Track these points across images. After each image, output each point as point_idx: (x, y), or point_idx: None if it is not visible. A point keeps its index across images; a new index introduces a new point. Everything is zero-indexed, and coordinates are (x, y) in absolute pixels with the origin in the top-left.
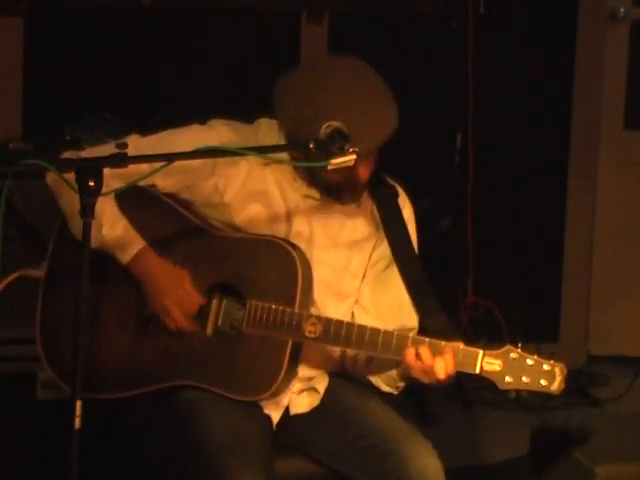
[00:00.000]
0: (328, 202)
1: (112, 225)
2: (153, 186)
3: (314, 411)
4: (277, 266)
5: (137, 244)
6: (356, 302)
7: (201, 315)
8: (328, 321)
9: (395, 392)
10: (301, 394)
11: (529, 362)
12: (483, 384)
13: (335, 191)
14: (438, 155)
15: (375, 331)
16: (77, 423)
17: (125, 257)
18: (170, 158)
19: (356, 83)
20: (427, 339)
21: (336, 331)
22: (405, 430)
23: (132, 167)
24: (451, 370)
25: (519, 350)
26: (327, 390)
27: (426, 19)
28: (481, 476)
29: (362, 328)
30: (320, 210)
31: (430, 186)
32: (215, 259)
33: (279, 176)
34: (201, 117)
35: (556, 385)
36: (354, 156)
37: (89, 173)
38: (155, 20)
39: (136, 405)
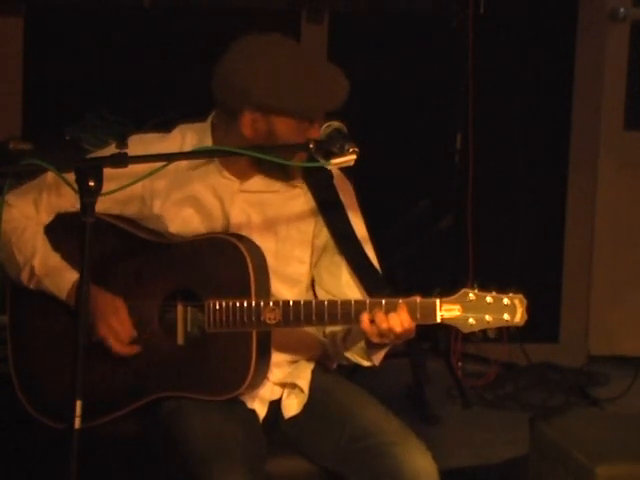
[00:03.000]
0: (262, 193)
1: (44, 263)
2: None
3: (306, 411)
4: (227, 261)
5: (69, 279)
6: (317, 286)
7: (168, 326)
8: (285, 304)
9: (376, 364)
10: (289, 396)
11: (488, 300)
12: (483, 384)
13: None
14: (438, 155)
15: (332, 303)
16: (77, 423)
17: (61, 293)
18: (170, 158)
19: (306, 54)
20: (383, 300)
21: (295, 312)
22: (399, 431)
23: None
24: (407, 324)
25: (476, 291)
26: (317, 388)
27: (426, 19)
28: (481, 476)
29: (319, 303)
30: (256, 202)
31: (430, 186)
32: (167, 268)
33: (207, 177)
34: (200, 117)
35: (519, 316)
36: (354, 156)
37: (89, 173)
38: (155, 20)
39: (120, 423)
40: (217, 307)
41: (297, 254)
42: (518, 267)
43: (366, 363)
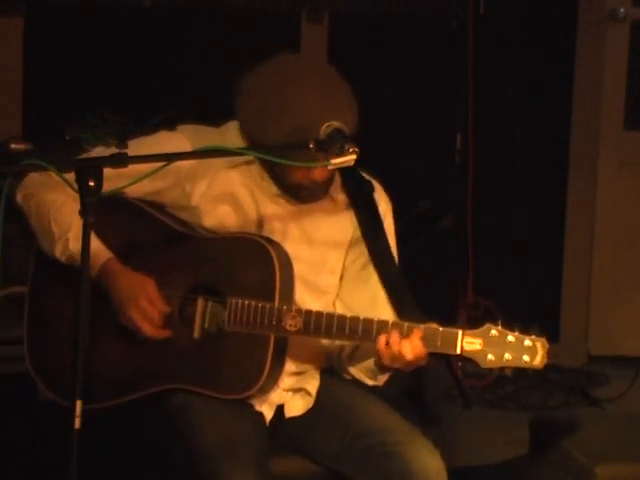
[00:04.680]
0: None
1: (78, 238)
2: (122, 193)
3: (311, 413)
4: (254, 262)
5: (102, 256)
6: (337, 298)
7: (187, 318)
8: (308, 313)
9: (379, 384)
10: (295, 397)
11: (510, 338)
12: (483, 384)
13: (293, 190)
14: (438, 155)
15: (355, 319)
16: (77, 423)
17: (92, 270)
18: (170, 158)
19: (314, 82)
20: (406, 323)
21: (317, 322)
22: (407, 430)
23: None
24: (419, 351)
25: (499, 327)
26: (322, 391)
27: (426, 19)
28: (481, 476)
29: (342, 317)
30: (293, 208)
31: (430, 186)
32: (194, 261)
33: (247, 178)
34: (200, 117)
35: (538, 360)
36: (354, 156)
37: (89, 173)
38: (155, 20)
39: (128, 412)
40: (240, 306)
41: (330, 265)
42: (518, 267)
43: (370, 382)
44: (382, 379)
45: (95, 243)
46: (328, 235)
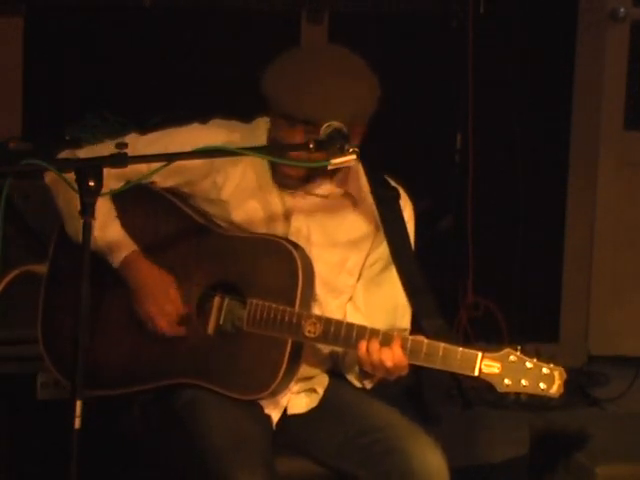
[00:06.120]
0: (326, 199)
1: (104, 227)
2: (153, 182)
3: (313, 410)
4: (278, 266)
5: (126, 248)
6: (350, 299)
7: (202, 313)
8: (328, 321)
9: (367, 388)
10: (299, 394)
11: (528, 365)
12: (483, 384)
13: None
14: (438, 155)
15: (374, 332)
16: (77, 423)
17: (115, 261)
18: (170, 158)
19: (318, 80)
20: (425, 340)
21: (336, 331)
22: (408, 427)
23: (131, 166)
24: (399, 360)
25: (518, 353)
26: (329, 390)
27: (426, 19)
28: (481, 476)
29: (361, 329)
30: (317, 208)
31: (430, 186)
32: (217, 258)
33: (275, 173)
34: (201, 117)
35: (555, 389)
36: (354, 156)
37: (89, 173)
38: (155, 20)
39: (136, 405)
40: (260, 308)
41: (349, 266)
42: (518, 267)
43: (358, 385)
44: (368, 384)
45: (120, 233)
46: (350, 236)
